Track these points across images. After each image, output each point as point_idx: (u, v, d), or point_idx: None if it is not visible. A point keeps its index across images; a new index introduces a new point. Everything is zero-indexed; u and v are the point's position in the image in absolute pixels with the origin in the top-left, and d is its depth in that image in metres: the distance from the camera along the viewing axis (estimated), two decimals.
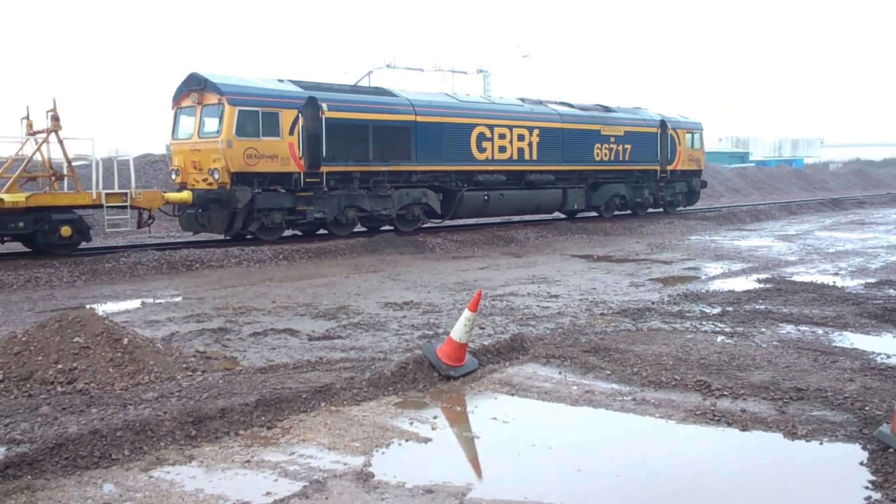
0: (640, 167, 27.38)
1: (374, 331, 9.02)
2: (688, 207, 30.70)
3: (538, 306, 10.54)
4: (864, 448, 5.18)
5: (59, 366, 6.45)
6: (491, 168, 22.30)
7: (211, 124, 17.73)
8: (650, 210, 28.43)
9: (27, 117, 16.16)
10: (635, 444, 5.48)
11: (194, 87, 18.02)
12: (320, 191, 18.73)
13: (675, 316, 9.65)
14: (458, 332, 6.97)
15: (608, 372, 7.04)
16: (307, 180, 18.38)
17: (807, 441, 5.37)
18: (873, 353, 7.64)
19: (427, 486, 4.68)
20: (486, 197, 22.13)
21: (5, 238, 15.59)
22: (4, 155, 16.68)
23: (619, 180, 26.83)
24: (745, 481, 4.86)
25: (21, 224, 14.94)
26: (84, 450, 5.08)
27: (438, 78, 61.70)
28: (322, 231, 19.95)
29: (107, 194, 15.90)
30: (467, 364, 7.08)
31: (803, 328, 8.85)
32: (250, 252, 16.00)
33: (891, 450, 5.02)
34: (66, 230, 15.40)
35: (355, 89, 21.18)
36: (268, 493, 4.61)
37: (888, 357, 7.43)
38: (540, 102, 25.16)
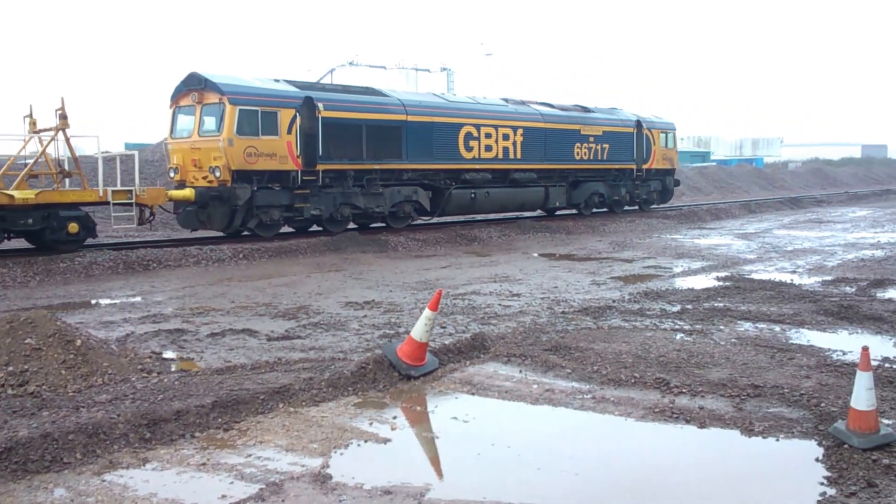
0: (617, 166, 27.99)
1: (335, 330, 8.95)
2: (661, 205, 31.41)
3: (500, 305, 10.54)
4: (819, 444, 5.24)
5: (10, 368, 6.30)
6: (478, 167, 22.83)
7: (211, 123, 18.03)
8: (626, 208, 29.10)
9: (30, 115, 16.31)
10: (595, 443, 5.49)
11: (194, 87, 18.23)
12: (316, 188, 19.09)
13: (635, 314, 9.70)
14: (418, 331, 6.93)
15: (568, 370, 7.04)
16: (304, 178, 18.73)
17: (763, 438, 5.42)
18: (829, 350, 7.74)
19: (385, 487, 4.64)
20: (473, 195, 22.62)
21: (11, 235, 15.65)
22: (3, 153, 16.77)
23: (597, 179, 27.44)
24: (702, 478, 4.89)
25: (30, 221, 15.17)
26: (35, 454, 4.96)
27: (402, 76, 61.59)
28: (316, 228, 20.26)
29: (113, 191, 16.14)
30: (428, 363, 7.04)
31: (761, 326, 8.94)
32: (209, 251, 15.82)
33: (846, 446, 5.08)
34: (73, 227, 15.64)
35: (348, 89, 21.43)
36: (223, 497, 4.53)
37: (843, 354, 7.53)
38: (522, 103, 25.64)
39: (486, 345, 7.82)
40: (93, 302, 11.22)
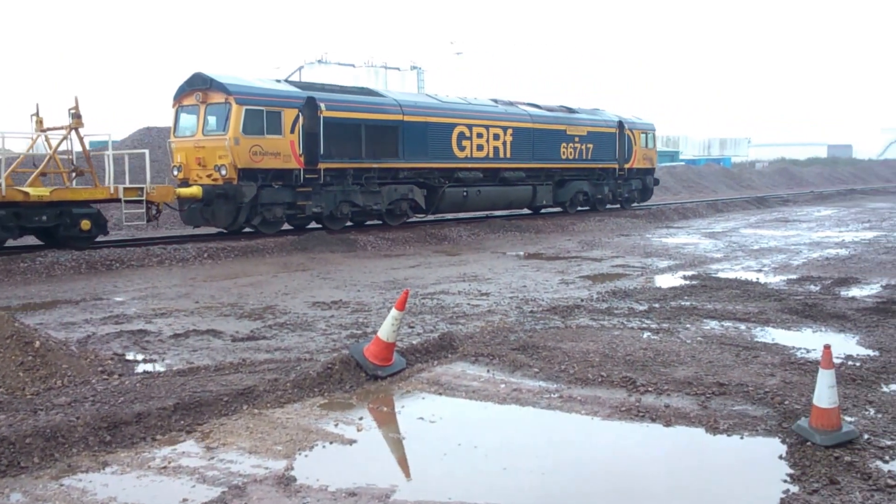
0: (601, 165, 28.82)
1: (301, 331, 8.87)
2: (642, 203, 32.25)
3: (468, 304, 10.51)
4: (783, 442, 5.27)
5: None
6: (470, 165, 23.50)
7: (215, 122, 18.44)
8: (608, 206, 29.98)
9: (37, 114, 16.77)
10: (561, 442, 5.47)
11: (198, 87, 18.61)
12: (318, 186, 19.58)
13: (603, 313, 9.72)
14: (385, 331, 6.88)
15: (536, 370, 7.03)
16: (306, 176, 19.23)
17: (728, 435, 5.44)
18: (793, 347, 7.80)
19: (350, 489, 4.59)
20: (465, 193, 23.30)
21: (25, 231, 15.95)
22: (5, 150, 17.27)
23: (582, 178, 28.21)
24: (668, 476, 4.89)
25: (44, 218, 15.63)
26: None
27: (371, 74, 61.57)
28: (315, 225, 20.59)
29: (124, 189, 16.61)
30: (395, 364, 7.00)
31: (727, 324, 9.00)
32: (172, 251, 15.64)
33: (808, 443, 5.11)
34: (85, 223, 16.14)
35: (345, 89, 21.91)
36: (184, 500, 4.46)
37: (807, 352, 7.59)
38: (511, 103, 26.33)
39: (454, 344, 7.79)
40: (54, 302, 11.02)
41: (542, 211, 27.97)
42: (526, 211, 27.65)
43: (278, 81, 20.14)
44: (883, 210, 32.33)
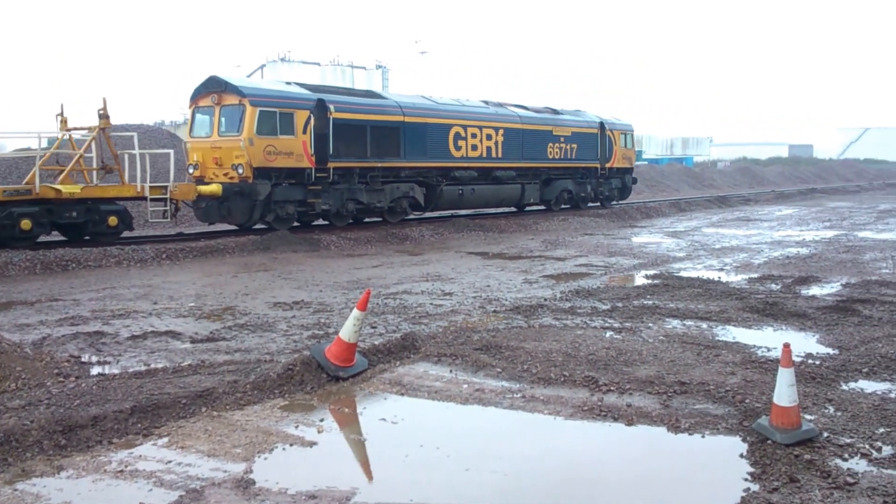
0: (584, 165, 29.80)
1: (262, 332, 8.76)
2: (621, 202, 33.16)
3: (431, 304, 10.47)
4: (744, 440, 5.30)
5: None
6: (465, 165, 24.29)
7: (230, 123, 19.11)
8: (590, 204, 30.96)
9: (61, 114, 17.56)
10: (524, 442, 5.46)
11: (213, 89, 19.33)
12: (327, 185, 20.32)
13: (566, 312, 9.73)
14: (346, 331, 6.83)
15: (499, 370, 7.01)
16: (317, 175, 19.93)
17: (689, 434, 5.46)
18: (754, 346, 7.88)
19: (311, 492, 4.53)
20: (460, 191, 24.12)
21: (54, 228, 16.50)
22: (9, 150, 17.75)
23: (566, 177, 29.13)
24: (630, 475, 4.90)
25: (74, 214, 16.37)
26: None
27: (337, 73, 61.32)
28: (322, 222, 21.48)
29: (150, 187, 17.23)
30: (357, 364, 6.95)
31: (688, 323, 9.06)
32: (130, 252, 15.37)
33: (769, 442, 5.15)
34: (112, 220, 16.93)
35: (351, 92, 22.98)
36: None
37: (768, 350, 7.66)
38: (501, 105, 27.18)
39: (417, 345, 7.75)
40: (8, 304, 10.77)
41: (527, 209, 28.66)
42: (491, 210, 27.70)
43: (288, 84, 20.95)
44: (843, 209, 32.88)
